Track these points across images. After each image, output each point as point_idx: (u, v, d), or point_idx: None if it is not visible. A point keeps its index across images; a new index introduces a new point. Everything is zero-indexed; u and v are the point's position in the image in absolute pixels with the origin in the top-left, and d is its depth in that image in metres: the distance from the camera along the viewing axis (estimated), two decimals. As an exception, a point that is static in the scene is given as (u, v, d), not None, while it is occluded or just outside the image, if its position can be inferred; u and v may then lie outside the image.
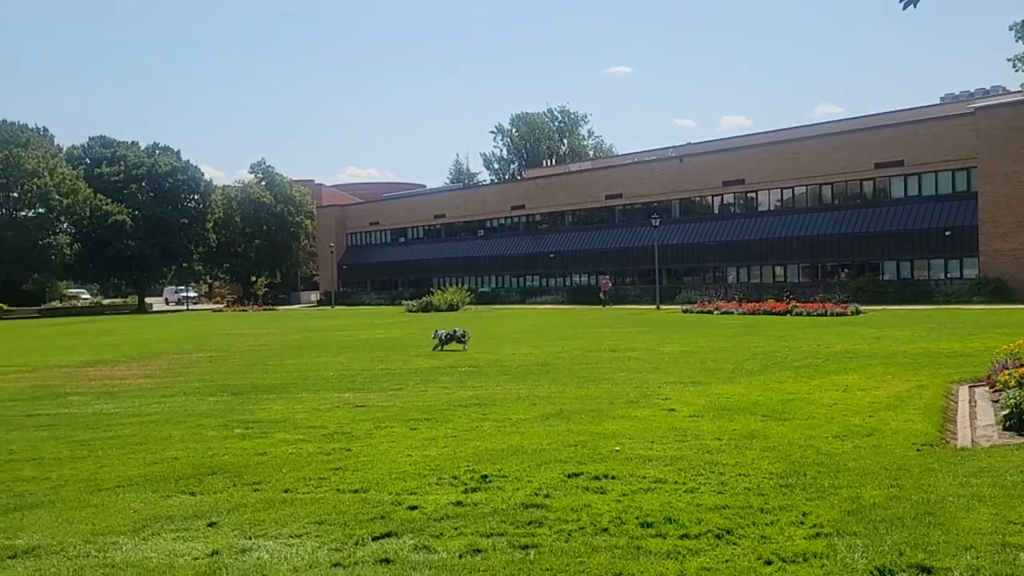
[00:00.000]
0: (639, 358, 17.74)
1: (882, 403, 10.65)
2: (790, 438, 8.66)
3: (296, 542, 5.78)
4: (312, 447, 9.10)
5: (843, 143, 46.35)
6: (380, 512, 6.41)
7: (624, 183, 57.21)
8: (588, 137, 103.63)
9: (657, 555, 5.31)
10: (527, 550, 5.47)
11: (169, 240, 71.65)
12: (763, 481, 6.97)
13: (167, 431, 10.47)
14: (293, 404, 12.53)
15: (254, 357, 21.58)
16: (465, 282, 62.20)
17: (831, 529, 5.67)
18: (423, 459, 8.27)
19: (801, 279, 46.75)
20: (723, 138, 66.58)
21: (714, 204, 52.84)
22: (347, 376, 16.16)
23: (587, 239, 58.67)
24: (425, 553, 5.48)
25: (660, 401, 11.55)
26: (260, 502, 6.85)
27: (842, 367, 14.77)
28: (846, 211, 45.91)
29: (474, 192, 73.79)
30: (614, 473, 7.38)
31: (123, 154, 73.48)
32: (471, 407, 11.58)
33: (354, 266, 78.08)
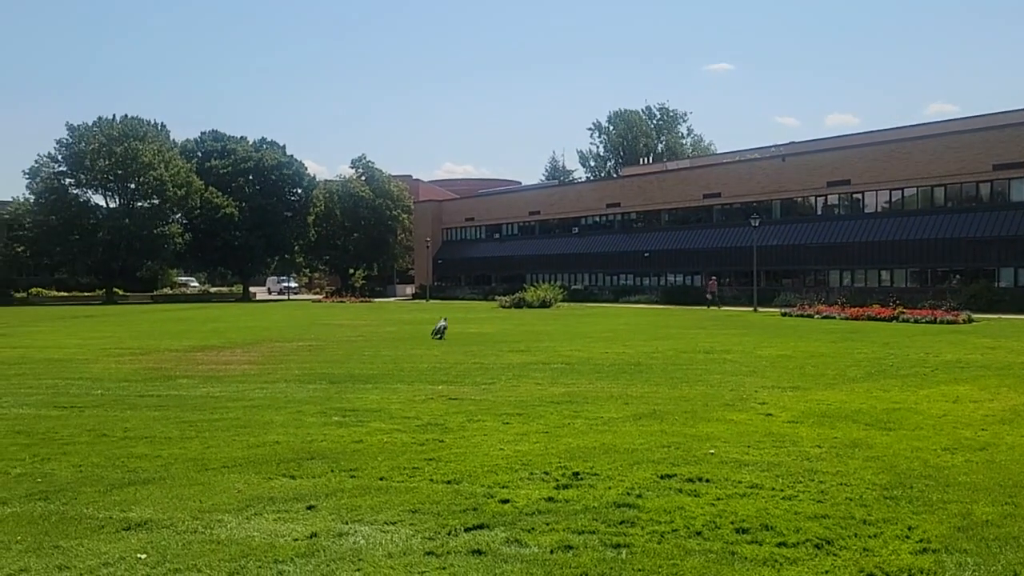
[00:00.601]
0: (735, 360, 17.36)
1: (996, 416, 10.11)
2: (895, 448, 8.32)
3: (391, 529, 5.90)
4: (406, 437, 9.27)
5: (958, 143, 44.14)
6: (472, 504, 6.48)
7: (723, 182, 56.05)
8: (687, 135, 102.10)
9: (753, 562, 5.19)
10: (619, 549, 5.43)
11: (273, 232, 74.18)
12: (866, 492, 6.72)
13: (269, 416, 10.85)
14: (388, 394, 12.79)
15: (351, 347, 22.12)
16: (558, 279, 62.15)
17: (939, 545, 5.42)
18: (515, 453, 8.31)
19: (909, 284, 44.79)
20: (828, 137, 64.45)
21: (817, 205, 51.18)
22: (441, 369, 16.39)
23: (683, 238, 57.76)
24: (517, 547, 5.51)
25: (757, 405, 11.28)
26: (356, 488, 7.02)
27: (952, 377, 14.09)
28: (960, 214, 43.72)
29: (569, 189, 73.65)
30: (708, 476, 7.26)
31: (232, 148, 76.46)
32: (563, 404, 11.57)
33: (449, 261, 79.13)
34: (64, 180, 67.68)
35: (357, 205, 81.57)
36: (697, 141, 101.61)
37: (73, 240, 65.61)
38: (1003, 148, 42.00)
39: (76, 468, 7.94)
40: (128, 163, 65.92)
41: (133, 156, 65.85)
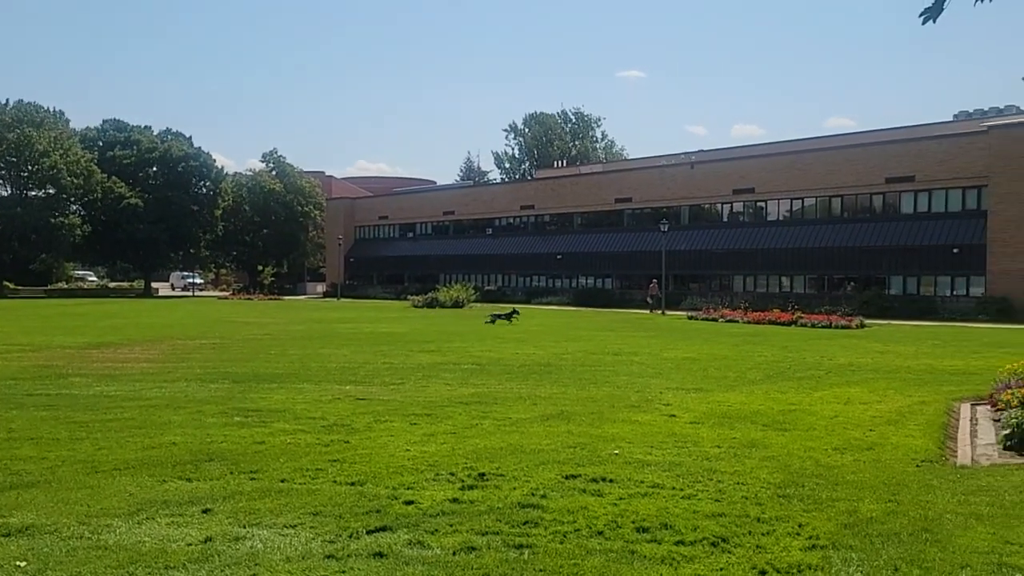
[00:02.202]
0: (642, 363, 17.71)
1: (883, 417, 10.61)
2: (790, 448, 8.63)
3: (290, 532, 5.77)
4: (311, 438, 9.10)
5: (854, 156, 46.19)
6: (376, 506, 6.41)
7: (635, 187, 57.14)
8: (600, 140, 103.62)
9: (651, 560, 5.30)
10: (521, 550, 5.46)
11: (178, 225, 71.73)
12: (761, 490, 6.95)
13: (167, 416, 10.49)
14: (294, 394, 12.55)
15: (257, 346, 21.60)
16: (471, 279, 62.17)
17: (827, 541, 5.64)
18: (421, 454, 8.27)
19: (807, 290, 46.59)
20: (734, 146, 66.43)
21: (723, 212, 52.72)
22: (349, 368, 16.17)
23: (595, 241, 58.61)
24: (419, 548, 5.47)
25: (661, 406, 11.53)
26: (256, 491, 6.85)
27: (845, 380, 14.72)
28: (855, 224, 45.75)
29: (484, 190, 73.79)
30: (612, 476, 7.37)
31: (136, 139, 73.67)
32: (472, 404, 11.57)
33: (361, 259, 78.17)
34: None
35: (267, 200, 79.72)
36: (610, 146, 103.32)
37: (-43, 229, 62.10)
38: (895, 162, 44.18)
39: (-47, 471, 7.49)
40: (21, 150, 62.72)
41: (27, 143, 62.70)
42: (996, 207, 39.96)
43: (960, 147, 42.15)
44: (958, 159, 41.81)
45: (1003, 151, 39.71)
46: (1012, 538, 5.70)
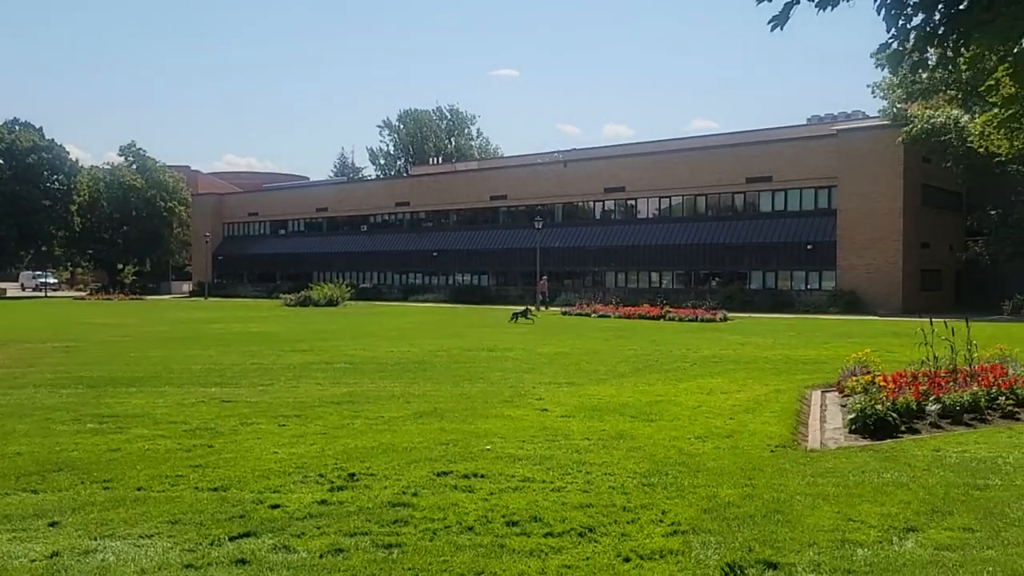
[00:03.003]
0: (516, 358, 17.90)
1: (742, 406, 11.14)
2: (655, 439, 8.93)
3: (146, 543, 5.51)
4: (172, 443, 8.71)
5: (717, 157, 48.32)
6: (240, 511, 6.21)
7: (509, 185, 57.68)
8: (476, 137, 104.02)
9: (520, 553, 5.36)
10: (391, 549, 5.41)
11: (28, 222, 67.04)
12: (627, 480, 7.15)
13: (11, 424, 9.80)
14: (155, 398, 11.98)
15: (116, 348, 20.50)
16: (346, 277, 61.13)
17: (688, 527, 5.87)
18: (290, 456, 8.06)
19: (675, 286, 48.40)
20: (606, 145, 68.17)
21: (596, 210, 54.01)
22: (215, 370, 15.59)
23: (471, 239, 58.81)
24: (284, 553, 5.33)
25: (534, 401, 11.69)
26: (109, 501, 6.50)
27: (708, 371, 15.36)
28: (718, 222, 47.86)
29: (358, 187, 72.71)
30: (484, 472, 7.41)
31: (-22, 128, 68.48)
32: (343, 404, 11.38)
33: (230, 257, 75.44)
34: None
35: (127, 195, 75.74)
36: (485, 144, 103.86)
37: None
38: (755, 163, 46.49)
39: None
40: None
41: None
42: (844, 206, 42.70)
43: (812, 149, 44.81)
44: (810, 161, 44.43)
45: (849, 153, 42.49)
46: (854, 516, 6.10)
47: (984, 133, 18.14)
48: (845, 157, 42.56)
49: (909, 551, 5.37)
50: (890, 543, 5.52)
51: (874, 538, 5.61)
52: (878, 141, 41.82)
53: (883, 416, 9.10)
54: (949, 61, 5.74)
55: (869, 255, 41.84)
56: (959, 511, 6.21)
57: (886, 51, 5.42)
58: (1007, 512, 6.18)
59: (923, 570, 5.04)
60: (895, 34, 5.13)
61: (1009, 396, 10.20)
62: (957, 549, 5.40)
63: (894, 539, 5.59)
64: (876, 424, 9.05)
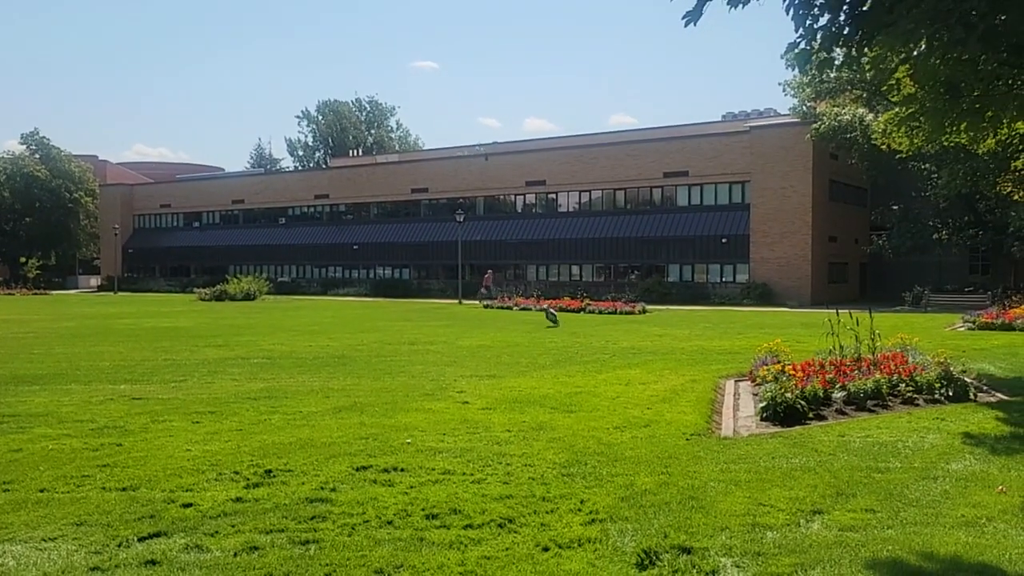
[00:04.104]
0: (438, 351, 17.85)
1: (659, 396, 11.36)
2: (575, 429, 9.04)
3: (49, 546, 5.29)
4: (77, 443, 8.39)
5: (636, 151, 49.11)
6: (150, 511, 6.02)
7: (431, 178, 57.40)
8: (396, 129, 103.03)
9: (440, 546, 5.36)
10: (307, 545, 5.34)
11: (-82, 212, 63.48)
12: (547, 471, 7.22)
13: (-99, 427, 9.26)
14: (60, 396, 11.50)
15: (18, 345, 19.59)
16: (264, 271, 59.91)
17: (605, 515, 5.97)
18: (203, 454, 7.86)
19: (595, 278, 49.04)
20: (527, 139, 68.46)
21: (517, 203, 54.22)
22: (125, 367, 15.06)
23: (392, 232, 58.31)
24: (197, 553, 5.20)
25: (455, 394, 11.68)
26: (9, 503, 6.22)
27: (627, 362, 15.62)
28: (637, 216, 48.68)
29: (276, 178, 71.17)
30: (403, 465, 7.37)
31: None
32: (260, 400, 11.15)
33: (141, 250, 72.90)
34: None
35: (30, 186, 72.37)
36: (405, 136, 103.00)
37: None
38: (671, 158, 47.45)
39: None
40: None
41: None
42: (756, 201, 44.00)
43: (726, 145, 45.97)
44: (725, 156, 45.59)
45: (761, 150, 43.79)
46: (765, 500, 6.30)
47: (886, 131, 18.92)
48: (758, 153, 43.83)
49: (815, 533, 5.58)
50: (798, 525, 5.72)
51: (783, 521, 5.81)
52: (788, 138, 43.21)
53: (792, 404, 9.42)
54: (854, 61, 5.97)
55: (780, 248, 43.22)
56: (862, 493, 6.48)
57: (794, 50, 5.60)
58: (906, 493, 6.48)
59: (828, 550, 5.24)
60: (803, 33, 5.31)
61: (909, 383, 10.69)
62: (860, 529, 5.64)
63: (801, 522, 5.80)
64: (786, 411, 9.36)
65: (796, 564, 5.02)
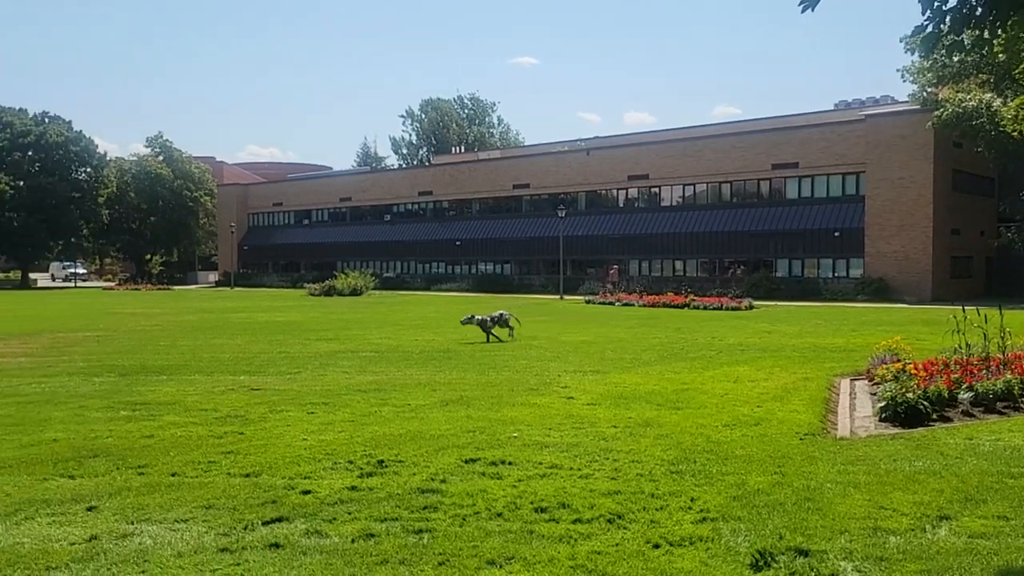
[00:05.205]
0: (541, 347, 17.91)
1: (770, 394, 11.07)
2: (682, 426, 8.91)
3: (181, 527, 5.59)
4: (203, 430, 8.83)
5: (742, 143, 47.86)
6: (272, 496, 6.28)
7: (532, 173, 57.57)
8: (497, 125, 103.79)
9: (550, 539, 5.38)
10: (421, 535, 5.45)
11: (57, 214, 67.82)
12: (655, 467, 7.15)
13: (47, 412, 9.97)
14: (185, 386, 12.12)
15: (145, 337, 20.76)
16: (369, 267, 61.42)
17: (717, 514, 5.86)
18: (319, 443, 8.13)
19: (699, 274, 48.11)
20: (629, 133, 67.79)
21: (619, 198, 53.76)
22: (243, 359, 15.74)
23: (494, 227, 58.80)
24: (316, 538, 5.39)
25: (559, 389, 11.69)
26: (144, 486, 6.60)
27: (734, 359, 15.28)
28: (744, 209, 47.46)
29: (381, 176, 72.84)
30: (511, 459, 7.44)
31: (9, 121, 69.11)
32: (370, 392, 11.45)
33: (255, 247, 76.00)
34: None
35: (154, 186, 76.39)
36: (506, 132, 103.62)
37: None
38: (780, 149, 46.01)
39: None
40: None
41: None
42: (872, 192, 42.18)
43: (840, 135, 44.23)
44: (838, 146, 43.88)
45: (877, 139, 41.92)
46: (886, 504, 6.05)
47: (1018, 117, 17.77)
48: (874, 142, 42.01)
49: (943, 539, 5.33)
50: (923, 531, 5.48)
51: (907, 526, 5.57)
52: (907, 126, 41.19)
53: (914, 404, 9.01)
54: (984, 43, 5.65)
55: (898, 242, 41.33)
56: (993, 499, 6.14)
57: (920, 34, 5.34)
58: (1042, 500, 6.11)
59: (957, 558, 4.99)
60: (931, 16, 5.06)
61: (1043, 384, 10.05)
62: (992, 537, 5.35)
63: (927, 527, 5.55)
64: (907, 412, 8.96)
65: (922, 571, 4.81)
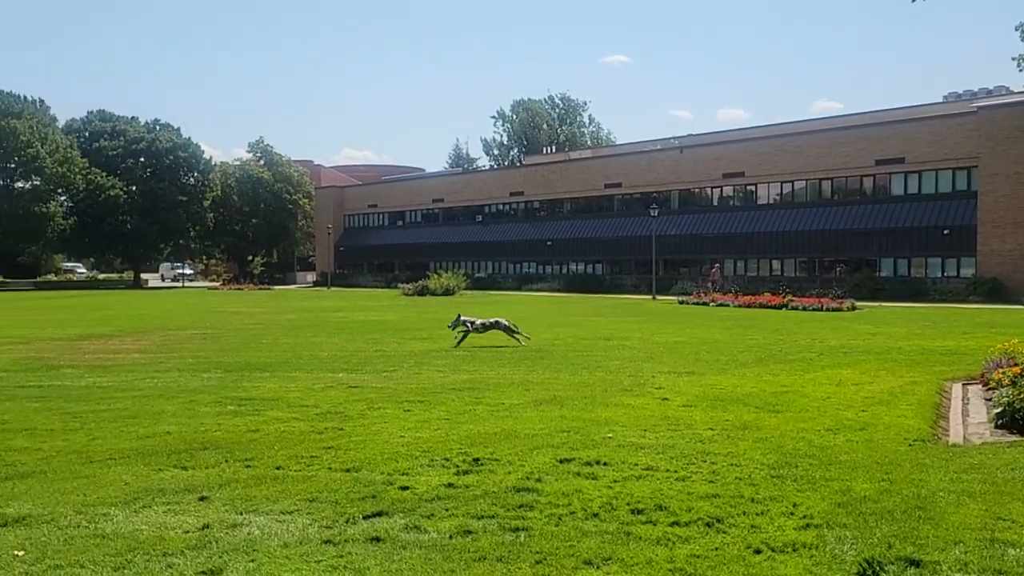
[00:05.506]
0: (634, 347, 17.75)
1: (875, 398, 10.67)
2: (782, 430, 8.68)
3: (287, 518, 5.78)
4: (304, 425, 9.10)
5: (844, 139, 46.26)
6: (371, 491, 6.42)
7: (624, 172, 57.12)
8: (588, 125, 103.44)
9: (647, 541, 5.32)
10: (518, 533, 5.48)
11: (167, 217, 71.23)
12: (754, 471, 6.98)
13: (160, 406, 10.46)
14: (286, 383, 12.53)
15: (248, 335, 21.56)
16: (461, 267, 62.12)
17: (821, 520, 5.68)
18: (415, 441, 8.27)
19: (798, 273, 46.75)
20: (723, 130, 66.42)
21: (713, 196, 52.79)
22: (341, 356, 16.16)
23: (585, 227, 58.61)
24: (416, 533, 5.48)
25: (654, 390, 11.56)
26: (251, 478, 6.85)
27: (836, 362, 14.79)
28: (845, 207, 45.88)
29: (473, 177, 73.63)
30: (606, 459, 7.39)
31: (123, 129, 72.96)
32: (464, 391, 11.58)
33: (351, 248, 77.96)
34: (-66, 158, 63.29)
35: (256, 189, 79.29)
36: (597, 131, 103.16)
37: (-55, 222, 61.47)
38: (884, 144, 44.26)
39: (-54, 463, 7.46)
40: (6, 141, 62.04)
41: (11, 133, 62.01)
42: (986, 187, 40.13)
43: (950, 128, 42.26)
44: (948, 140, 41.93)
45: (992, 131, 39.84)
46: (1004, 514, 5.75)
47: None
48: (987, 136, 39.95)
49: (1068, 554, 5.02)
50: (1046, 544, 5.17)
51: (1027, 539, 5.27)
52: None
53: (1033, 410, 8.52)
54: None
55: (1014, 240, 39.18)
56: (1124, 513, 5.75)
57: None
58: None
59: (1085, 574, 4.70)
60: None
61: None
62: (1123, 553, 5.01)
63: (1050, 540, 5.24)
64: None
65: (1046, 587, 4.55)
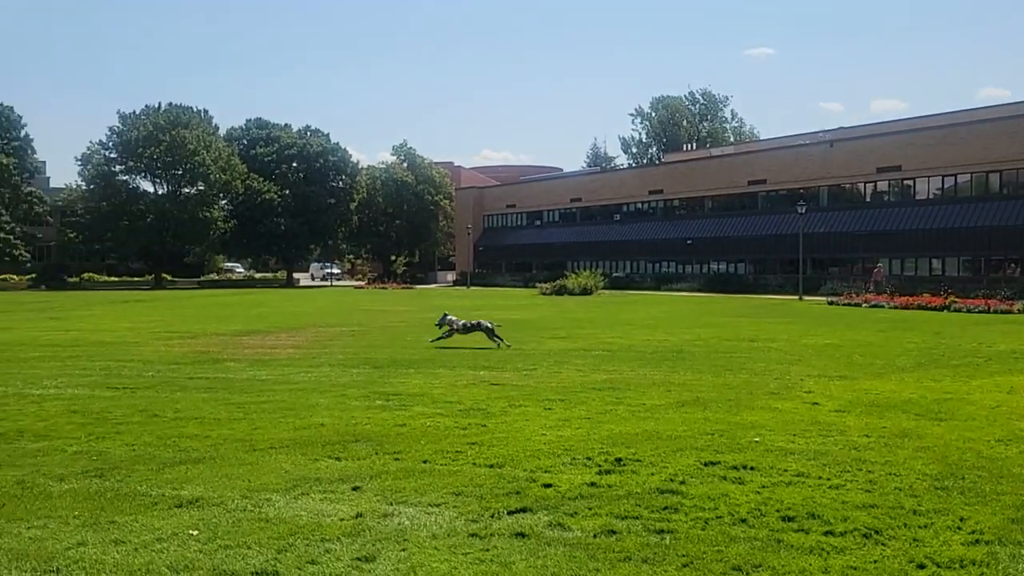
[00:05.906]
0: (780, 349, 17.14)
1: (1052, 408, 9.85)
2: (947, 439, 8.15)
3: (435, 511, 5.95)
4: (449, 421, 9.33)
5: (1014, 128, 42.88)
6: (515, 487, 6.50)
7: (768, 168, 55.24)
8: (730, 120, 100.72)
9: (799, 550, 5.14)
10: (662, 535, 5.41)
11: (316, 219, 74.86)
12: (916, 482, 6.60)
13: (314, 399, 11.00)
14: (431, 379, 12.88)
15: (393, 333, 22.29)
16: (599, 266, 61.90)
17: (992, 536, 5.31)
18: (557, 439, 8.32)
19: (961, 273, 43.75)
20: (876, 122, 63.04)
21: (866, 191, 50.21)
22: (482, 354, 16.43)
23: (727, 226, 57.11)
24: (559, 530, 5.52)
25: (802, 394, 11.13)
26: (400, 471, 7.09)
27: (1007, 368, 13.75)
28: (1017, 201, 42.51)
29: (611, 176, 73.23)
30: (753, 464, 7.19)
31: (277, 135, 77.24)
32: (605, 390, 11.54)
33: (489, 247, 79.25)
34: (114, 167, 69.17)
35: (399, 191, 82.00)
36: (739, 126, 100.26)
37: (122, 225, 67.01)
38: (1061, 133, 40.72)
39: (129, 447, 8.14)
40: (175, 150, 66.96)
41: (180, 143, 66.89)
42: None
43: None
44: None
45: None
46: None
47: None
48: None
49: None
50: None
51: None
52: None
53: None
54: None
55: None
56: None
57: None
58: None
59: None
60: None
61: None
62: None
63: None
64: None
65: None
